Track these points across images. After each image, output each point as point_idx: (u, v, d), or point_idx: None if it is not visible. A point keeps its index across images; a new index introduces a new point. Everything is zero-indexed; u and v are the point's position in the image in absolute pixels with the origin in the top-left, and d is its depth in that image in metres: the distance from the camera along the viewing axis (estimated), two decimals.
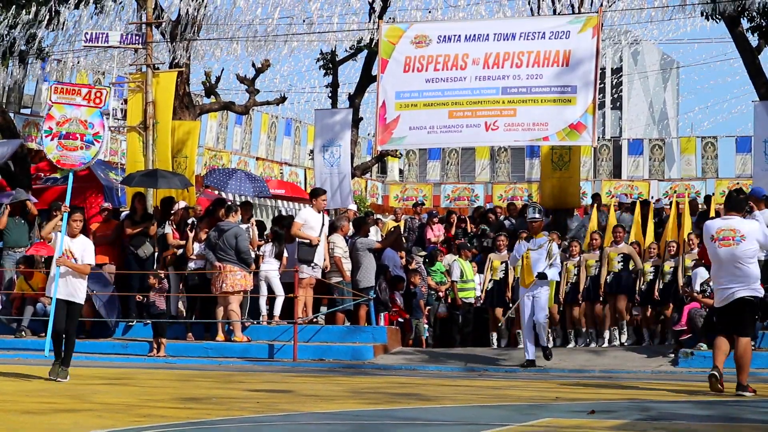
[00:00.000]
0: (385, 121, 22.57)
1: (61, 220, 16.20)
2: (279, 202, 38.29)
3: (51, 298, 16.10)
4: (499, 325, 21.97)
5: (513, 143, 30.76)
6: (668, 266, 21.16)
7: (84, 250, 16.04)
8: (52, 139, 17.94)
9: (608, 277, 21.50)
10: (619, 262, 21.50)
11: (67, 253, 15.85)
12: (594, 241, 21.96)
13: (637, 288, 21.46)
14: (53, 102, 18.05)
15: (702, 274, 19.23)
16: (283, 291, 21.60)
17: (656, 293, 21.19)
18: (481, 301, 23.08)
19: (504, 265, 22.23)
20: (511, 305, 21.49)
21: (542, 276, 18.94)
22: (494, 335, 22.41)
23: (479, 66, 22.20)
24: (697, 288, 19.25)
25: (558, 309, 21.65)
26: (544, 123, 21.86)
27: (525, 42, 22.06)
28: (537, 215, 19.55)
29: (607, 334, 21.46)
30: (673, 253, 21.32)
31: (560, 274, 20.56)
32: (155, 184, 23.66)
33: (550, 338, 19.91)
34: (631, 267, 21.53)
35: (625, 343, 21.17)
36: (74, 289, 15.91)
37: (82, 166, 18.77)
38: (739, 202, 14.53)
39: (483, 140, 25.82)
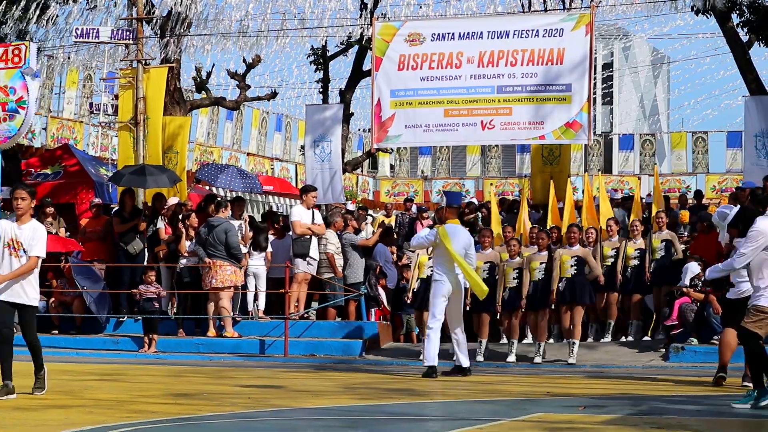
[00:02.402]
0: (381, 119, 22.60)
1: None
2: (270, 197, 38.28)
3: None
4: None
5: (510, 142, 30.83)
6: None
7: (33, 237, 12.64)
8: None
9: (560, 284, 18.79)
10: (572, 266, 18.83)
11: (13, 243, 12.63)
12: (540, 241, 19.24)
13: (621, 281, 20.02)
14: None
15: (693, 268, 19.27)
16: (265, 286, 21.73)
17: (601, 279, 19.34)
18: (409, 301, 19.93)
19: (431, 261, 18.25)
20: None
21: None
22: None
23: (474, 64, 22.24)
24: (687, 282, 19.28)
25: (492, 318, 19.35)
26: (539, 122, 21.93)
27: (519, 40, 22.11)
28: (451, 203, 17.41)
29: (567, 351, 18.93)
30: (592, 240, 20.03)
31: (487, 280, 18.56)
32: (144, 183, 23.56)
33: (465, 356, 16.75)
34: (587, 271, 19.06)
35: (571, 362, 18.61)
36: (21, 289, 12.76)
37: (7, 142, 15.61)
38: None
39: (480, 139, 25.94)
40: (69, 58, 31.77)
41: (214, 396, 13.44)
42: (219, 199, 22.58)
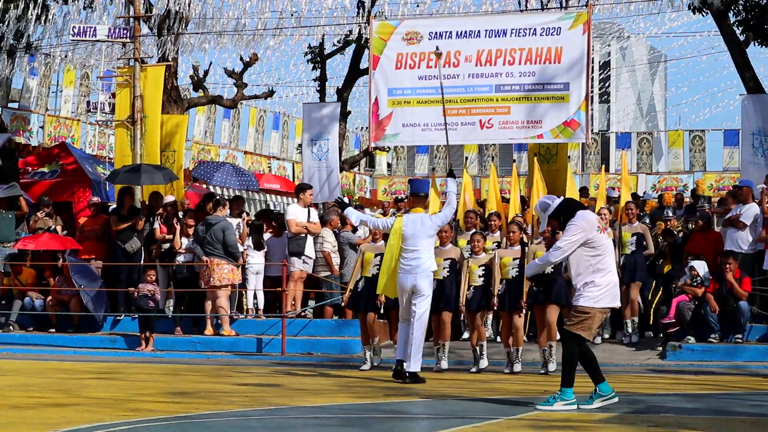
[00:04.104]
0: (378, 117, 22.61)
1: None
2: (267, 196, 38.29)
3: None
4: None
5: (508, 141, 30.85)
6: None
7: None
8: None
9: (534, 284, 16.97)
10: None
11: None
12: (512, 234, 17.35)
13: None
14: None
15: (701, 266, 19.34)
16: (262, 285, 21.77)
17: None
18: (344, 303, 18.98)
19: (379, 258, 17.36)
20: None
21: (451, 174, 16.07)
22: (367, 351, 18.20)
23: (472, 63, 22.24)
24: (704, 279, 19.27)
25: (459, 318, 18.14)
26: (538, 121, 21.94)
27: (516, 39, 22.11)
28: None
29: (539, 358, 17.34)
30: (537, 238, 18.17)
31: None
32: (139, 180, 23.58)
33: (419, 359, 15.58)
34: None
35: (550, 372, 16.86)
36: None
37: None
38: None
39: (478, 138, 25.94)
40: (66, 56, 31.76)
41: (212, 394, 13.44)
42: (217, 197, 22.60)
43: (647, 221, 23.38)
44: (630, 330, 20.01)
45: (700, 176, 45.33)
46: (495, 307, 17.35)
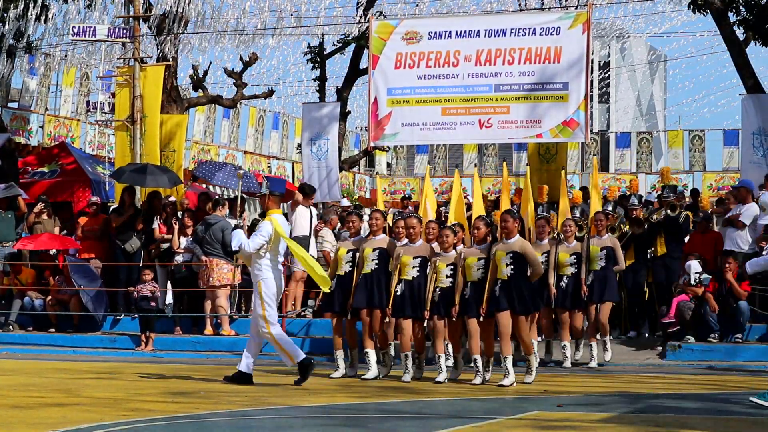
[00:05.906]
0: (378, 117, 22.63)
1: None
2: None
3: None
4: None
5: (507, 141, 30.90)
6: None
7: None
8: None
9: (496, 288, 14.96)
10: (508, 264, 14.90)
11: None
12: (477, 231, 15.42)
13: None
14: None
15: (695, 267, 19.34)
16: None
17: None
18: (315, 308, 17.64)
19: (351, 254, 16.58)
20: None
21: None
22: (339, 354, 16.61)
23: (471, 63, 22.27)
24: (692, 280, 19.27)
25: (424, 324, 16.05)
26: (537, 120, 21.95)
27: (516, 38, 22.14)
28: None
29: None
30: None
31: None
32: (144, 182, 23.56)
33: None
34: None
35: (506, 384, 14.84)
36: None
37: None
38: None
39: (477, 138, 25.97)
40: (66, 56, 31.74)
41: (211, 394, 13.44)
42: (216, 197, 22.61)
43: (609, 208, 22.25)
44: (594, 353, 18.20)
45: (700, 176, 45.27)
46: (454, 317, 15.44)
